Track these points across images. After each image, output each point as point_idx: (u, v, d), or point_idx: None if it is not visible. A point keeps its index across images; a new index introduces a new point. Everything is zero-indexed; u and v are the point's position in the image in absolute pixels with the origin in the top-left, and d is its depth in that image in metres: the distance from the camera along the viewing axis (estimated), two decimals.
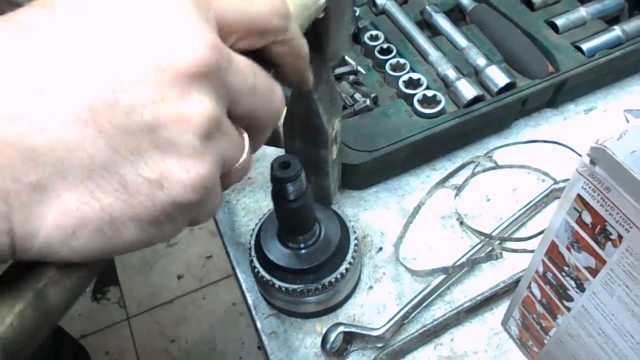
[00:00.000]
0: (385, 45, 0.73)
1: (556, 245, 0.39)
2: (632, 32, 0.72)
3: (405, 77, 0.69)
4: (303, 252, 0.54)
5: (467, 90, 0.66)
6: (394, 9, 0.77)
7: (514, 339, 0.55)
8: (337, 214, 0.57)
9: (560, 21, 0.74)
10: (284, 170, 0.46)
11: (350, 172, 0.63)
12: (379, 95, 0.69)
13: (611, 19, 0.76)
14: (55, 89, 0.23)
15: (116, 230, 0.25)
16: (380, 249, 0.63)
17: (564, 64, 0.69)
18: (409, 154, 0.65)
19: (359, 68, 0.73)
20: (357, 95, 0.68)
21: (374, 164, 0.62)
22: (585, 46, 0.71)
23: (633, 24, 0.73)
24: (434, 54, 0.72)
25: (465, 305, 0.56)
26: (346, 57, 0.74)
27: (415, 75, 0.69)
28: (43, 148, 0.23)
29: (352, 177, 0.65)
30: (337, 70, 0.72)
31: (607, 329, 0.38)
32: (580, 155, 0.32)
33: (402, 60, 0.71)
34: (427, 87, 0.68)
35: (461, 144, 0.70)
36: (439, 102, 0.66)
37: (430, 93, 0.67)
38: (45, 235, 0.24)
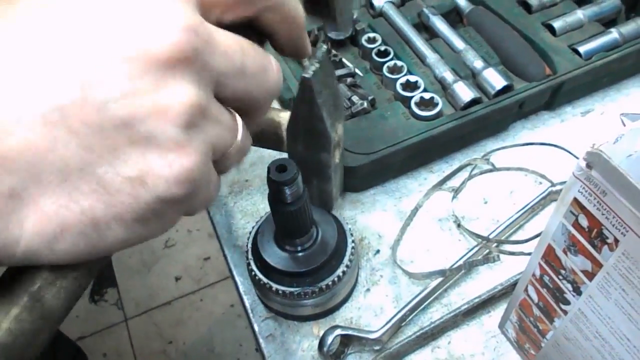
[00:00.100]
0: (382, 48, 0.73)
1: (553, 248, 0.39)
2: (629, 34, 0.72)
3: (403, 80, 0.69)
4: (300, 255, 0.54)
5: (465, 92, 0.66)
6: (391, 12, 0.77)
7: (511, 341, 0.55)
8: (334, 217, 0.57)
9: (557, 24, 0.74)
10: (281, 174, 0.46)
11: (347, 175, 0.63)
12: (377, 98, 0.69)
13: (608, 22, 0.76)
14: (20, 91, 0.22)
15: (100, 231, 0.24)
16: (378, 251, 0.63)
17: (561, 66, 0.69)
18: (407, 156, 0.65)
19: (357, 70, 0.73)
20: (355, 98, 0.68)
21: (372, 167, 0.62)
22: (583, 49, 0.71)
23: (630, 27, 0.73)
24: (431, 56, 0.72)
25: (462, 308, 0.56)
26: (343, 60, 0.74)
27: (412, 78, 0.69)
28: (13, 154, 0.22)
29: (350, 180, 0.65)
30: (335, 73, 0.72)
31: (603, 332, 0.38)
32: (577, 157, 0.32)
33: (399, 63, 0.71)
34: (425, 90, 0.68)
35: (458, 146, 0.70)
36: (437, 104, 0.66)
37: (427, 95, 0.67)
38: (27, 241, 0.23)
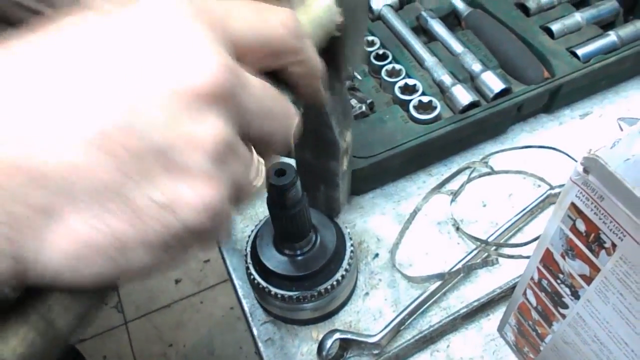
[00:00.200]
0: (381, 51, 0.73)
1: (551, 252, 0.39)
2: (627, 37, 0.72)
3: (401, 83, 0.69)
4: (299, 258, 0.54)
5: (463, 96, 0.67)
6: (389, 15, 0.78)
7: (510, 345, 0.55)
8: (333, 221, 0.57)
9: (555, 26, 0.74)
10: (280, 178, 0.46)
11: None
12: (375, 101, 0.69)
13: (606, 24, 0.77)
14: (66, 111, 0.23)
15: (125, 255, 0.24)
16: (377, 255, 0.63)
17: (559, 69, 0.69)
18: (405, 159, 0.65)
19: (355, 74, 0.73)
20: (353, 101, 0.68)
21: (370, 170, 0.62)
22: (581, 51, 0.71)
23: (628, 29, 0.73)
24: (429, 59, 0.72)
25: (461, 312, 0.56)
26: None
27: (411, 81, 0.69)
28: (52, 171, 0.22)
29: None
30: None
31: (601, 336, 0.38)
32: (575, 160, 0.32)
33: (397, 66, 0.71)
34: (423, 93, 0.68)
35: (457, 149, 0.70)
36: (435, 107, 0.66)
37: (426, 99, 0.67)
38: (52, 259, 0.23)
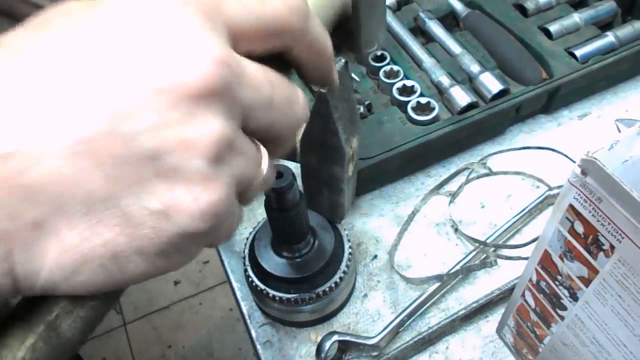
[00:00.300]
0: (379, 52, 0.73)
1: (549, 254, 0.39)
2: (625, 38, 0.72)
3: (399, 84, 0.69)
4: (297, 261, 0.54)
5: (461, 97, 0.66)
6: (387, 16, 0.77)
7: (509, 346, 0.55)
8: (331, 222, 0.57)
9: (553, 27, 0.74)
10: (277, 180, 0.45)
11: None
12: (373, 103, 0.69)
13: (604, 25, 0.77)
14: (49, 122, 0.22)
15: (121, 264, 0.24)
16: (375, 256, 0.62)
17: (557, 70, 0.69)
18: (404, 161, 0.65)
19: (353, 75, 0.73)
20: None
21: (369, 172, 0.62)
22: (579, 52, 0.71)
23: (626, 30, 0.73)
24: (427, 60, 0.72)
25: (460, 313, 0.56)
26: None
27: (409, 82, 0.69)
28: (40, 185, 0.22)
29: None
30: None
31: (600, 338, 0.38)
32: (574, 161, 0.32)
33: (395, 67, 0.70)
34: (421, 94, 0.68)
35: (455, 150, 0.70)
36: (433, 109, 0.66)
37: (424, 100, 0.66)
38: (47, 273, 0.23)
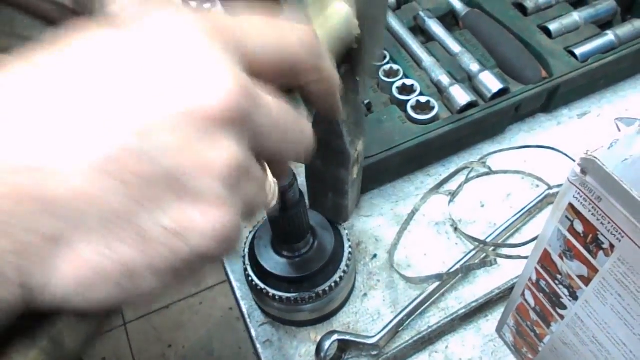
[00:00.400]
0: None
1: (549, 253, 0.39)
2: (625, 36, 0.72)
3: (399, 83, 0.69)
4: (297, 260, 0.54)
5: (461, 96, 0.66)
6: (387, 15, 0.77)
7: (508, 345, 0.55)
8: (331, 222, 0.57)
9: (553, 26, 0.74)
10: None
11: None
12: (373, 102, 0.69)
13: (604, 24, 0.77)
14: (75, 137, 0.22)
15: (133, 281, 0.24)
16: (375, 256, 0.62)
17: (557, 69, 0.69)
18: (403, 160, 0.65)
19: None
20: None
21: (368, 171, 0.62)
22: (579, 51, 0.71)
23: (626, 29, 0.73)
24: (427, 59, 0.72)
25: (459, 312, 0.56)
26: None
27: (408, 81, 0.69)
28: (61, 199, 0.22)
29: None
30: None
31: (600, 337, 0.38)
32: (574, 160, 0.32)
33: (395, 67, 0.70)
34: (421, 93, 0.68)
35: (455, 149, 0.70)
36: (433, 108, 0.66)
37: (423, 99, 0.66)
38: (60, 287, 0.23)
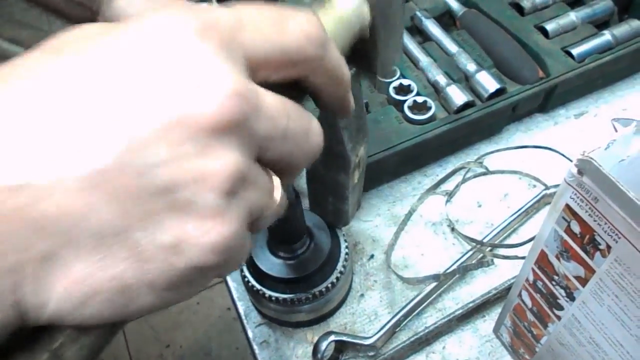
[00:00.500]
0: None
1: (546, 254, 0.39)
2: (622, 36, 0.72)
3: (396, 83, 0.68)
4: (293, 261, 0.53)
5: (458, 96, 0.66)
6: None
7: (505, 346, 0.55)
8: (328, 222, 0.57)
9: (550, 26, 0.74)
10: None
11: None
12: (369, 102, 0.69)
13: (601, 24, 0.76)
14: (60, 153, 0.21)
15: (128, 297, 0.23)
16: (372, 256, 0.62)
17: (554, 69, 0.69)
18: (400, 160, 0.64)
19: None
20: None
21: (365, 171, 0.62)
22: (576, 51, 0.71)
23: (623, 29, 0.73)
24: (424, 59, 0.71)
25: (456, 313, 0.56)
26: None
27: (405, 82, 0.68)
28: (52, 217, 0.21)
29: None
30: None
31: (597, 338, 0.38)
32: (571, 160, 0.32)
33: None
34: (418, 93, 0.68)
35: (452, 150, 0.70)
36: (430, 108, 0.66)
37: (420, 99, 0.66)
38: (55, 305, 0.22)
